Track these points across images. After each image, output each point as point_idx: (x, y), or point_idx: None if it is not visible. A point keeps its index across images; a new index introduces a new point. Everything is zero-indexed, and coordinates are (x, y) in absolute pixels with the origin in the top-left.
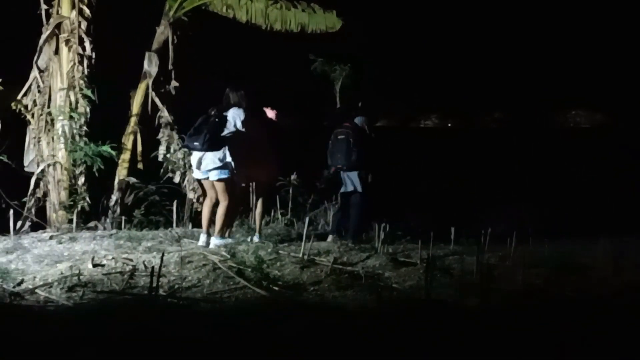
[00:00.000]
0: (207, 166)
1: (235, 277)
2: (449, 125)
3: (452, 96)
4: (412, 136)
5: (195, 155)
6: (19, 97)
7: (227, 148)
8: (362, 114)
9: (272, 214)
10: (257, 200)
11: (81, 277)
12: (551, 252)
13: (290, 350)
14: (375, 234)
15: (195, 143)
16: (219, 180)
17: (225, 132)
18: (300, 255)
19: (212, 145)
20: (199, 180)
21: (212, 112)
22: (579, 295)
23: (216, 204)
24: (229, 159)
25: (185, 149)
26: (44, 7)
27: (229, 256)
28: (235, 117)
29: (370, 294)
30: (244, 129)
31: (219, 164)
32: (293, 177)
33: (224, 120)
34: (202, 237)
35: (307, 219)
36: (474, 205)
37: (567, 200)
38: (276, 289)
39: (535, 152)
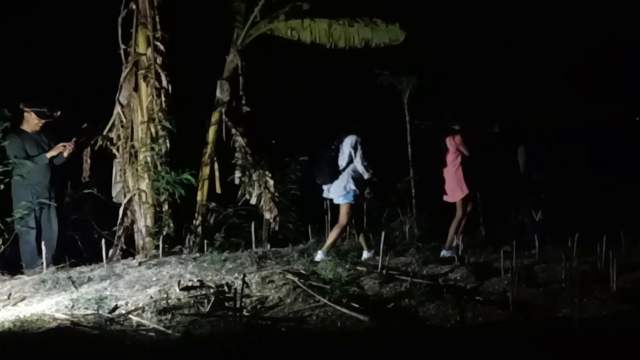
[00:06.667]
0: (335, 193)
1: (315, 296)
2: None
3: None
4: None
5: (325, 185)
6: (104, 132)
7: (350, 176)
8: None
9: (348, 230)
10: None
11: (169, 300)
12: None
13: None
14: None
15: (320, 180)
16: (343, 203)
17: (344, 162)
18: (379, 270)
19: (334, 177)
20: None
21: (332, 147)
22: None
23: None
24: (353, 186)
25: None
26: (122, 47)
27: (308, 274)
28: (349, 145)
29: (453, 308)
30: (356, 153)
31: (343, 192)
32: (366, 191)
33: (338, 152)
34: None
35: (382, 234)
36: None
37: None
38: (356, 305)
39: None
